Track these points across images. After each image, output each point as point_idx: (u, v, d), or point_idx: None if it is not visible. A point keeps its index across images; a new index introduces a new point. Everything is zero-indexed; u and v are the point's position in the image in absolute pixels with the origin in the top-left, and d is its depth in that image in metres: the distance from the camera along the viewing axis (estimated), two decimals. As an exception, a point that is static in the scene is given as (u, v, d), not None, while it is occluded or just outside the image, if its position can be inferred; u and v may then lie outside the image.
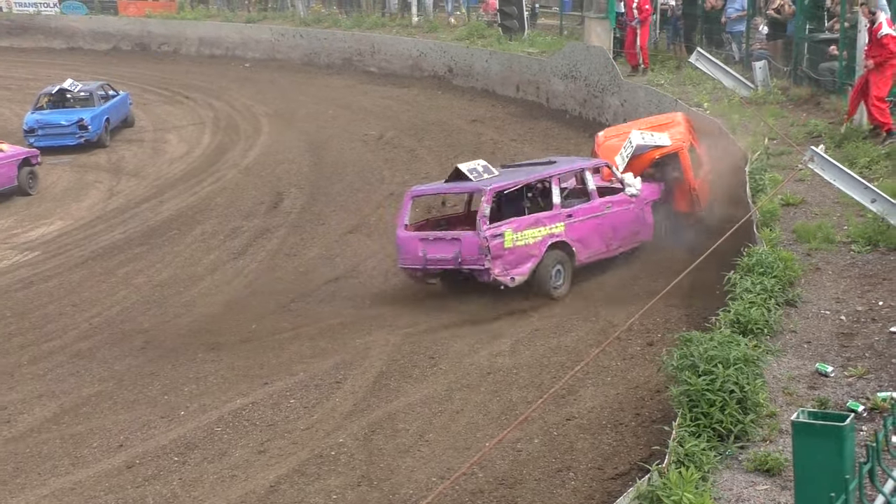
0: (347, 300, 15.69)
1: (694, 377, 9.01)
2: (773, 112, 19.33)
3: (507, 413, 11.42)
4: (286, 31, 38.38)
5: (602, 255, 15.68)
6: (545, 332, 13.61)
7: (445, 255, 14.68)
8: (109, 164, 25.38)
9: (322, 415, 11.87)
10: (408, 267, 15.15)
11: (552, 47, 28.69)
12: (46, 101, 27.66)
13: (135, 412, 12.39)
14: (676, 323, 13.29)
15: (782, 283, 11.67)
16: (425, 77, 32.31)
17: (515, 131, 25.35)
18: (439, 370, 12.79)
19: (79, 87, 27.76)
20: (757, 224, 13.45)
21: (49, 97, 27.71)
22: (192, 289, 16.76)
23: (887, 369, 9.92)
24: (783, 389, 9.68)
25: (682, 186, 16.59)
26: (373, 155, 24.32)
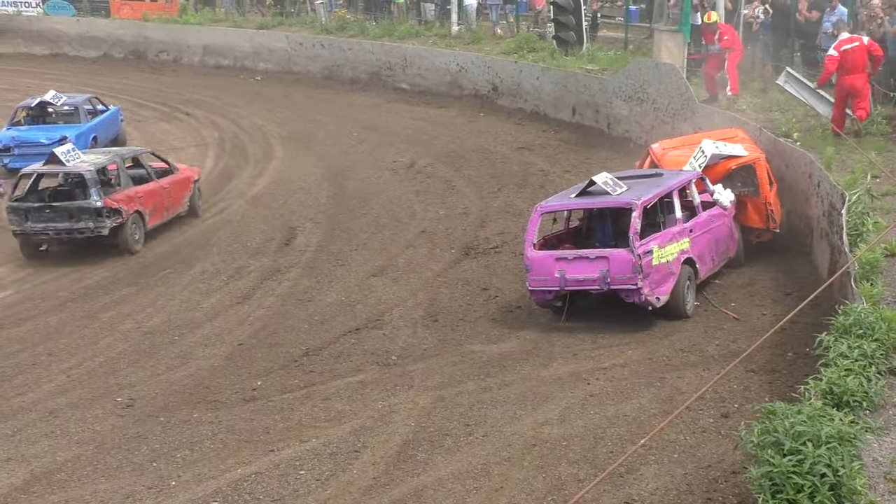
0: (369, 354, 15.73)
1: (778, 457, 8.95)
2: (875, 145, 19.27)
3: (555, 493, 11.38)
4: (305, 39, 38.78)
5: (711, 272, 16.99)
6: (601, 399, 13.58)
7: (590, 276, 15.65)
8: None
9: (337, 489, 11.88)
10: (541, 289, 16.04)
11: (615, 64, 28.81)
12: (24, 115, 28.07)
13: (118, 481, 12.43)
14: (757, 392, 13.21)
15: (885, 348, 11.59)
16: (465, 96, 32.51)
17: (569, 161, 25.42)
18: (475, 440, 12.77)
19: (62, 101, 28.16)
20: (855, 277, 13.38)
21: (27, 111, 28.12)
22: (188, 337, 16.86)
23: None
24: (885, 475, 9.59)
25: (755, 201, 17.82)
26: (402, 185, 24.46)
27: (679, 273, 15.97)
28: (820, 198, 16.88)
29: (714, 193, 17.37)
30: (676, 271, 15.95)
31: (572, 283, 15.83)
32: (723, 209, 17.34)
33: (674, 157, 18.55)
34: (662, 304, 15.79)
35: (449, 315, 17.00)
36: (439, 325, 16.64)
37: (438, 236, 20.80)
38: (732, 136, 18.99)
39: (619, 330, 15.77)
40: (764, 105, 23.05)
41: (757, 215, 17.88)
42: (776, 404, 9.96)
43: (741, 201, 17.79)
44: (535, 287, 16.14)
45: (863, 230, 14.65)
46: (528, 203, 22.19)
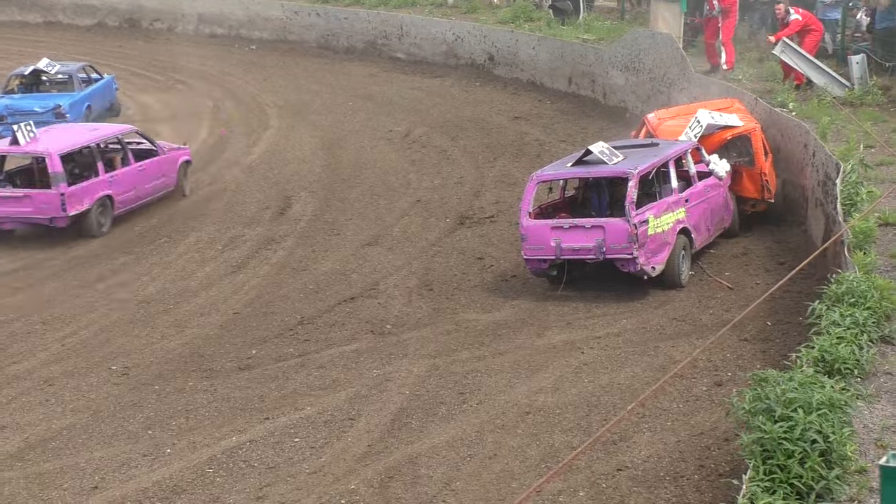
0: (364, 323, 15.80)
1: (769, 423, 9.04)
2: (871, 115, 19.31)
3: (548, 460, 11.46)
4: (300, 8, 38.64)
5: (705, 242, 17.12)
6: (595, 367, 13.66)
7: (586, 244, 15.75)
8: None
9: (331, 457, 11.96)
10: (536, 258, 16.12)
11: (612, 34, 28.75)
12: (18, 83, 27.94)
13: (113, 449, 12.51)
14: (749, 360, 13.29)
15: (877, 317, 11.67)
16: (461, 65, 32.44)
17: (565, 131, 25.41)
18: (469, 408, 12.85)
19: (56, 69, 28.05)
20: (849, 246, 13.45)
21: (21, 79, 27.99)
22: (182, 306, 16.91)
23: None
24: (875, 441, 9.68)
25: (750, 172, 18.01)
26: (398, 155, 24.46)
27: (674, 243, 16.04)
28: (815, 167, 16.93)
29: (710, 163, 17.41)
30: (672, 241, 16.01)
31: (568, 252, 15.89)
32: (718, 179, 17.37)
33: (669, 126, 18.65)
34: (657, 273, 15.86)
35: (443, 284, 17.06)
36: (434, 294, 16.70)
37: (433, 206, 20.83)
38: (728, 107, 19.10)
39: (613, 299, 15.84)
40: (760, 75, 23.05)
41: (752, 185, 17.97)
42: (768, 372, 10.06)
43: (736, 171, 17.87)
44: (531, 256, 16.19)
45: (857, 200, 14.71)
46: (524, 173, 22.18)
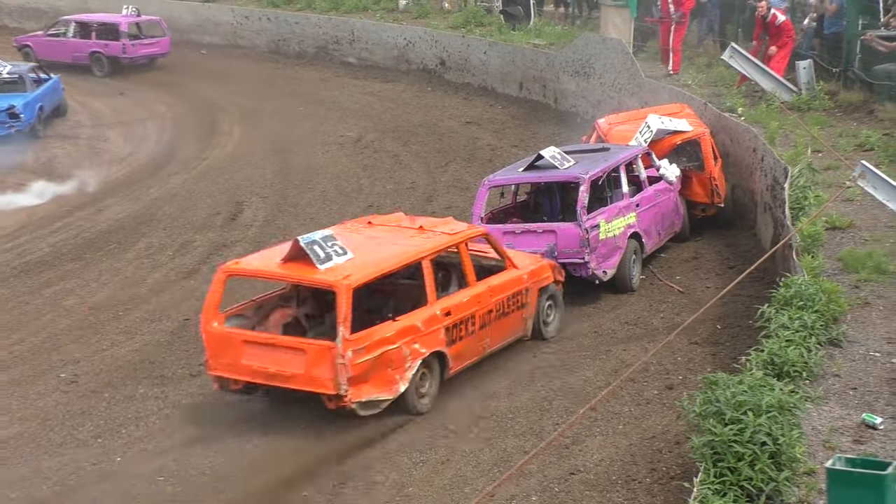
0: (316, 329, 15.73)
1: (719, 426, 9.11)
2: (818, 120, 19.51)
3: (501, 465, 11.48)
4: (251, 13, 38.52)
5: (656, 246, 17.18)
6: (547, 371, 13.70)
7: (538, 249, 15.52)
8: (38, 164, 25.40)
9: (284, 464, 11.90)
10: None
11: (562, 39, 28.87)
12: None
13: (61, 458, 12.39)
14: (700, 363, 13.39)
15: (825, 320, 11.79)
16: (413, 70, 32.46)
17: (517, 136, 25.48)
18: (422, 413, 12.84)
19: (7, 68, 27.80)
20: (797, 250, 13.58)
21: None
22: (133, 312, 16.78)
23: (945, 422, 10.03)
24: (824, 443, 9.78)
25: (700, 176, 18.10)
26: (349, 160, 24.42)
27: (625, 247, 16.11)
28: (764, 172, 17.09)
29: (660, 168, 17.52)
30: (623, 245, 16.09)
31: None
32: (668, 184, 17.49)
33: (620, 131, 18.69)
34: (609, 277, 15.93)
35: (396, 289, 17.02)
36: (386, 300, 16.67)
37: (386, 211, 20.74)
38: (678, 112, 19.26)
39: (565, 302, 15.87)
40: (709, 80, 23.23)
41: (702, 190, 18.08)
42: (718, 375, 10.12)
43: (686, 176, 17.99)
44: None
45: (805, 204, 14.86)
46: (476, 177, 22.22)
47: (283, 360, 12.28)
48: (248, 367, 12.47)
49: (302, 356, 12.20)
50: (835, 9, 21.44)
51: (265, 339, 12.64)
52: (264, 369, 12.36)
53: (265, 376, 12.40)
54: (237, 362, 12.54)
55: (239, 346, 12.56)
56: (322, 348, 12.10)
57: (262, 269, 13.14)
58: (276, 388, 12.49)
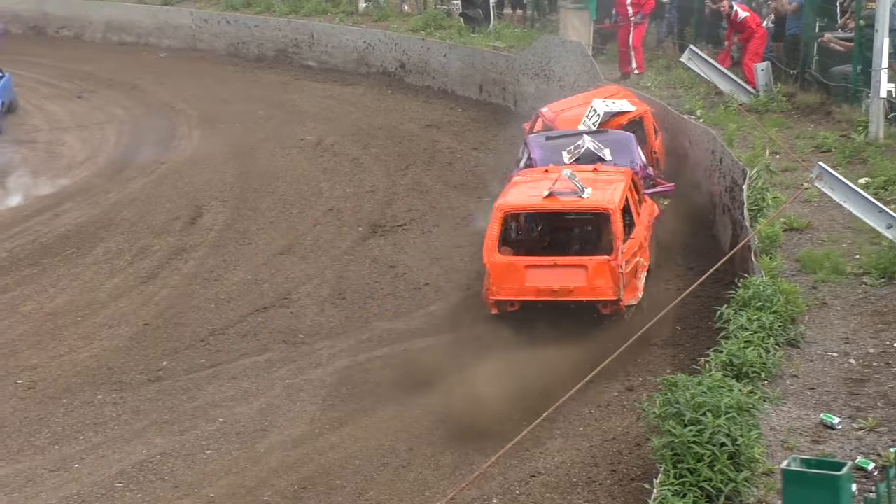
0: (276, 333, 15.69)
1: (679, 427, 9.16)
2: (776, 122, 19.64)
3: (462, 468, 11.49)
4: (210, 16, 38.35)
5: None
6: (507, 374, 13.67)
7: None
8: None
9: (244, 469, 11.87)
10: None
11: (522, 42, 28.91)
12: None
13: (19, 464, 12.31)
14: (660, 365, 13.44)
15: (783, 320, 11.87)
16: (373, 73, 32.41)
17: (477, 139, 25.48)
18: (383, 417, 12.84)
19: None
20: (755, 251, 13.66)
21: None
22: (91, 318, 16.67)
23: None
24: (782, 443, 9.84)
25: (644, 150, 18.28)
26: (309, 164, 24.35)
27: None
28: (722, 174, 17.18)
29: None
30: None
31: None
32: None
33: (567, 118, 19.08)
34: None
35: (356, 293, 17.01)
36: (347, 303, 16.65)
37: (346, 214, 20.77)
38: (616, 93, 19.85)
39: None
40: (668, 82, 23.34)
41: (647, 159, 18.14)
42: (678, 376, 10.17)
43: None
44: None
45: (763, 205, 14.95)
46: (436, 180, 22.27)
47: (566, 276, 14.38)
48: (533, 288, 14.42)
49: (583, 271, 14.33)
50: (794, 9, 21.59)
51: (547, 262, 14.66)
52: (548, 287, 14.39)
53: (549, 293, 14.42)
54: (521, 285, 14.46)
55: (522, 271, 14.49)
56: (601, 262, 14.31)
57: (533, 203, 15.03)
58: (559, 301, 14.40)
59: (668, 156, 19.37)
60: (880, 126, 17.43)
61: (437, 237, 19.10)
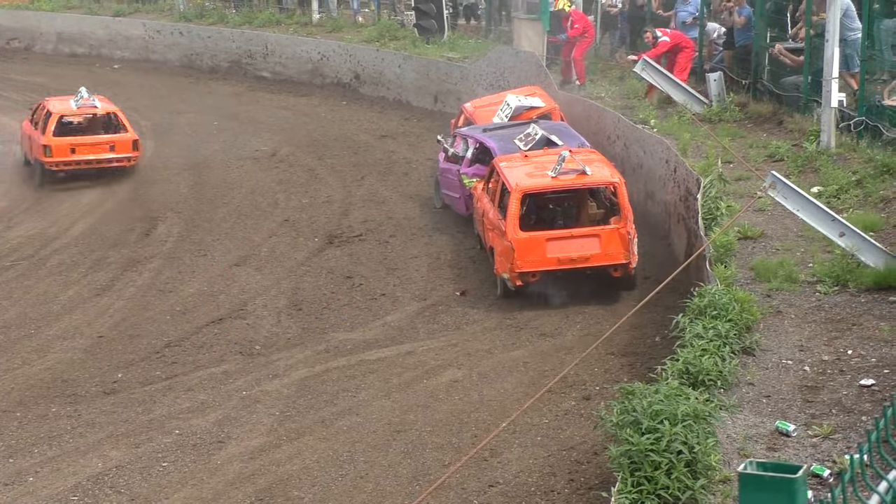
0: (233, 344, 15.62)
1: (636, 436, 9.17)
2: (729, 131, 19.79)
3: (420, 478, 11.48)
4: (163, 27, 38.21)
5: None
6: (465, 384, 13.72)
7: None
8: (-55, 181, 25.00)
9: (200, 481, 11.80)
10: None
11: (476, 52, 29.00)
12: None
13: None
14: (617, 374, 13.49)
15: (738, 329, 11.93)
16: (327, 84, 32.41)
17: (433, 149, 25.44)
18: (341, 428, 12.81)
19: None
20: (710, 260, 13.74)
21: None
22: (45, 330, 16.53)
23: (856, 428, 10.20)
24: (739, 450, 9.89)
25: None
26: (265, 174, 24.30)
27: None
28: (676, 183, 17.29)
29: None
30: None
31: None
32: None
33: (484, 112, 21.30)
34: None
35: (313, 304, 16.97)
36: (303, 314, 16.60)
37: (301, 225, 20.73)
38: (532, 93, 21.84)
39: (483, 316, 15.94)
40: (622, 92, 23.47)
41: None
42: (635, 385, 10.20)
43: None
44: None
45: (717, 214, 15.04)
46: (392, 191, 22.28)
47: (582, 246, 15.95)
48: (554, 258, 15.88)
49: (597, 240, 15.95)
50: (743, 21, 21.78)
51: (565, 234, 16.14)
52: (567, 256, 15.90)
53: (569, 261, 15.91)
54: (543, 257, 15.84)
55: (543, 244, 15.89)
56: (613, 231, 16.00)
57: (547, 184, 16.37)
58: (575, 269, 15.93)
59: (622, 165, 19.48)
60: (832, 135, 17.58)
61: (393, 248, 19.10)
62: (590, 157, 17.15)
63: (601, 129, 21.38)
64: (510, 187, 16.23)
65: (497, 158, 17.84)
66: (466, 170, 19.18)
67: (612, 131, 21.04)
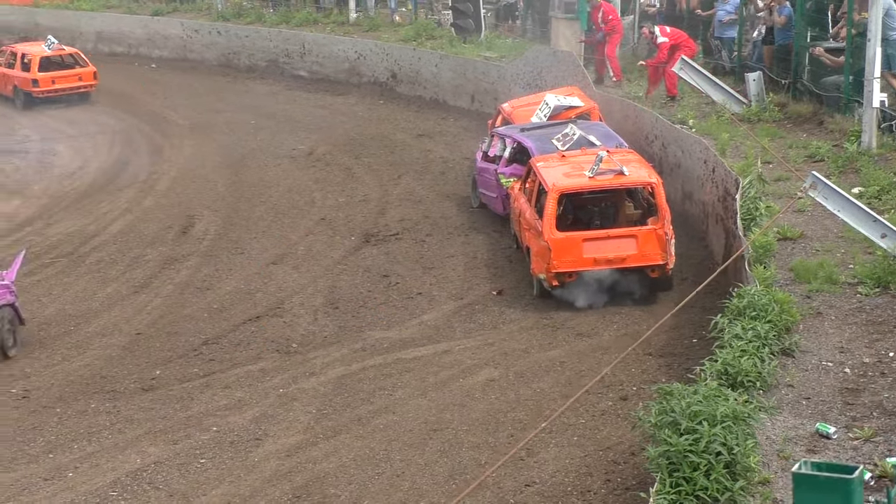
0: (270, 342, 15.68)
1: (675, 436, 9.14)
2: (768, 131, 19.67)
3: (457, 477, 11.47)
4: (201, 26, 38.38)
5: None
6: (502, 384, 13.70)
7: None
8: (-14, 178, 25.23)
9: (238, 478, 11.85)
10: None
11: (513, 51, 28.96)
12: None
13: (13, 473, 12.27)
14: (655, 374, 13.44)
15: (778, 330, 11.87)
16: (364, 83, 32.46)
17: (469, 148, 25.44)
18: (377, 426, 12.82)
19: None
20: (749, 261, 13.67)
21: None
22: (84, 327, 16.64)
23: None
24: (778, 452, 9.84)
25: None
26: (302, 173, 24.36)
27: None
28: (715, 183, 17.20)
29: None
30: None
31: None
32: None
33: (522, 112, 21.17)
34: None
35: (349, 302, 17.00)
36: (339, 313, 16.63)
37: (338, 224, 20.76)
38: (571, 92, 21.79)
39: (519, 316, 15.91)
40: (660, 92, 23.36)
41: None
42: (673, 385, 10.15)
43: None
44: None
45: (756, 214, 14.96)
46: (428, 190, 22.29)
47: (619, 246, 15.83)
48: (590, 259, 15.77)
49: (634, 240, 15.86)
50: (784, 20, 21.64)
51: (602, 234, 16.08)
52: (604, 257, 15.77)
53: (605, 262, 15.77)
54: (579, 257, 15.75)
55: (579, 244, 15.82)
56: (650, 231, 15.92)
57: (584, 184, 16.29)
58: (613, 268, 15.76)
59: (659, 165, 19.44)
60: (873, 136, 17.45)
61: (430, 247, 19.10)
62: (627, 157, 17.08)
63: (639, 129, 21.29)
64: (547, 187, 16.19)
65: (534, 158, 17.79)
66: (504, 169, 19.18)
67: (650, 131, 20.95)
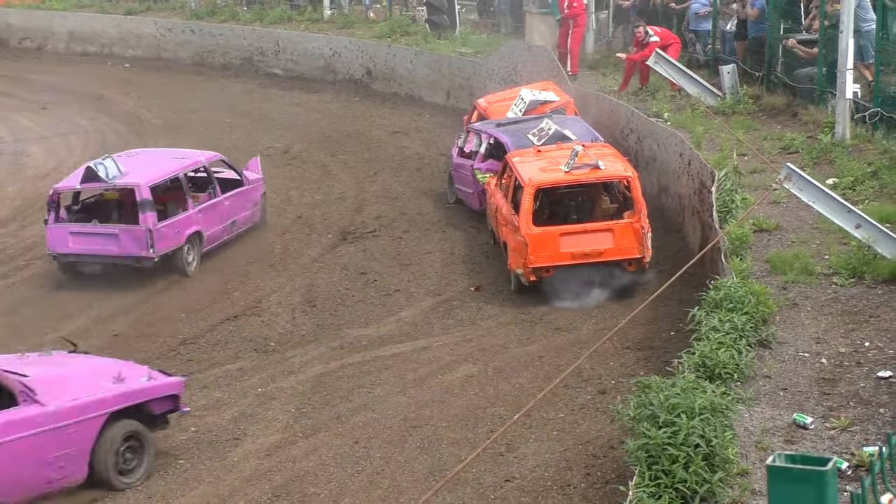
0: (248, 342, 15.65)
1: (653, 429, 9.17)
2: (743, 123, 19.75)
3: (436, 473, 11.48)
4: (174, 25, 38.24)
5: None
6: (480, 380, 13.71)
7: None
8: (-41, 180, 25.06)
9: (217, 478, 11.83)
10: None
11: (488, 47, 28.98)
12: None
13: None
14: (633, 367, 13.47)
15: (754, 321, 11.92)
16: (339, 81, 32.40)
17: (445, 144, 25.45)
18: (357, 424, 12.82)
19: None
20: (725, 252, 13.72)
21: None
22: (61, 329, 16.54)
23: (874, 420, 10.19)
24: (756, 443, 9.88)
25: None
26: (277, 171, 24.29)
27: None
28: (690, 176, 17.25)
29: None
30: None
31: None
32: None
33: (498, 107, 21.27)
34: None
35: (327, 300, 16.98)
36: (317, 311, 16.62)
37: (315, 221, 20.73)
38: (546, 87, 21.81)
39: (497, 311, 15.93)
40: (634, 85, 23.41)
41: None
42: (651, 378, 10.19)
43: None
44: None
45: (732, 207, 15.02)
46: (405, 186, 22.28)
47: (595, 240, 15.89)
48: (567, 253, 15.79)
49: (610, 234, 15.89)
50: (756, 13, 21.72)
51: (578, 229, 16.11)
52: (581, 251, 15.82)
53: (582, 256, 15.82)
54: (556, 251, 15.76)
55: (556, 239, 15.85)
56: (626, 225, 15.92)
57: (560, 179, 16.34)
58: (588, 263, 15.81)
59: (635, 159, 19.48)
60: (846, 127, 17.54)
61: (407, 243, 19.10)
62: (603, 151, 17.11)
63: (614, 123, 21.34)
64: (523, 182, 16.21)
65: (510, 153, 17.80)
66: (480, 165, 19.19)
67: (626, 125, 21.00)
